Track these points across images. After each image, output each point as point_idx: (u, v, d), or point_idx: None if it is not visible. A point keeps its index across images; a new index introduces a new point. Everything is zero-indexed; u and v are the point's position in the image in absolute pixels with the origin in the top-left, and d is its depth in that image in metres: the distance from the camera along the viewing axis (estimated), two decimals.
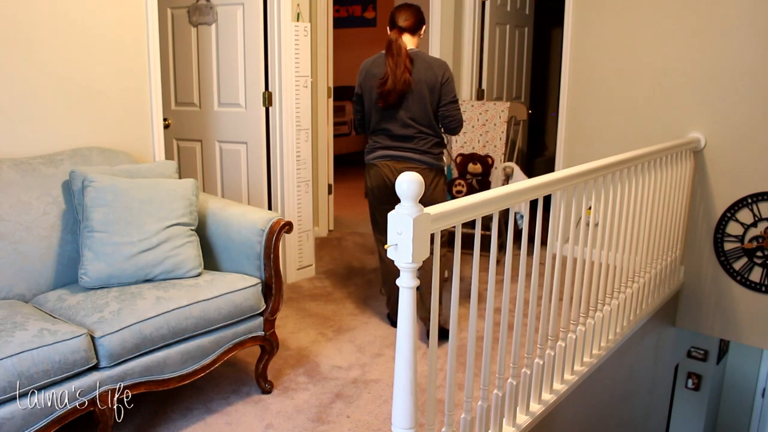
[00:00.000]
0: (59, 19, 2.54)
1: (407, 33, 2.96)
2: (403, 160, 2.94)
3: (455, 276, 1.80)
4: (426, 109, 2.91)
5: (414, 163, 2.93)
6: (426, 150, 2.95)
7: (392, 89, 2.85)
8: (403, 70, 2.84)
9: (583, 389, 2.68)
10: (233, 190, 3.86)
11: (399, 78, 2.84)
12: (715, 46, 3.64)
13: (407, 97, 2.89)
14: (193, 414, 2.38)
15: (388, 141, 2.97)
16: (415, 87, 2.88)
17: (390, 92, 2.86)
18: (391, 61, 2.87)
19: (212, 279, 2.37)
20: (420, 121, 2.92)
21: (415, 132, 2.93)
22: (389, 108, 2.91)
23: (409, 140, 2.94)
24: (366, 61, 3.05)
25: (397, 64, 2.85)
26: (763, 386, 6.15)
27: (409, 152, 2.94)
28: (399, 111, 2.91)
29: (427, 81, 2.89)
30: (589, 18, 4.12)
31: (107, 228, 2.28)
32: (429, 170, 2.95)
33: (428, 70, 2.90)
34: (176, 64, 3.88)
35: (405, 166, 2.91)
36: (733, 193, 3.68)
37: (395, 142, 2.96)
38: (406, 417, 1.65)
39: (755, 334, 3.73)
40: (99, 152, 2.60)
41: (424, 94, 2.89)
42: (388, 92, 2.87)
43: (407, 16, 2.95)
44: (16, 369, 1.77)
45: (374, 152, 3.01)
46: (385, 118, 2.95)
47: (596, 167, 2.41)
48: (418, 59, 2.91)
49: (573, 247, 2.50)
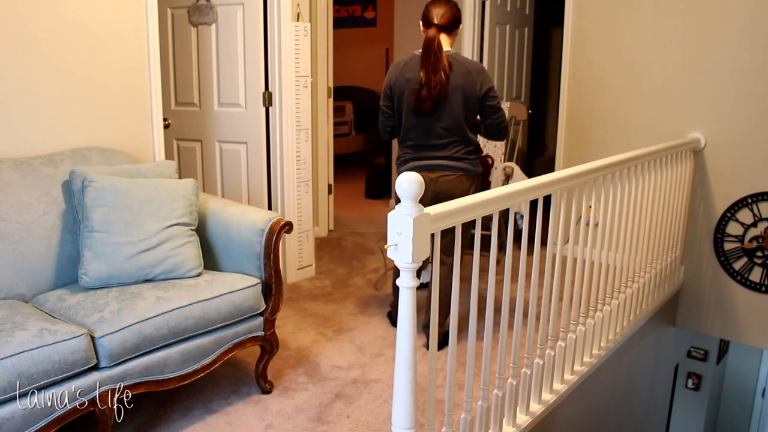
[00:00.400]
0: (59, 18, 2.54)
1: (444, 32, 2.76)
2: (438, 169, 2.78)
3: (455, 276, 1.80)
4: (459, 117, 2.74)
5: (450, 171, 2.78)
6: (461, 156, 2.80)
7: (427, 96, 2.67)
8: (441, 75, 2.64)
9: (583, 389, 2.68)
10: (233, 190, 3.87)
11: (435, 85, 2.65)
12: (715, 46, 3.64)
13: (442, 105, 2.71)
14: (193, 414, 2.38)
15: (420, 151, 2.81)
16: (451, 95, 2.70)
17: (425, 100, 2.68)
18: (428, 65, 2.67)
19: (212, 279, 2.37)
20: (453, 130, 2.76)
21: (448, 141, 2.78)
22: (423, 116, 2.75)
23: (442, 149, 2.78)
24: (398, 62, 2.87)
25: (435, 69, 2.65)
26: (763, 386, 6.15)
27: (443, 160, 2.78)
28: (432, 119, 2.75)
29: (464, 88, 2.71)
30: (589, 18, 4.12)
31: (107, 228, 2.28)
32: (466, 177, 2.81)
33: (467, 76, 2.72)
34: (176, 64, 3.88)
35: (441, 175, 2.77)
36: (733, 193, 3.68)
37: (428, 152, 2.79)
38: (406, 417, 1.65)
39: (755, 334, 3.73)
40: (99, 152, 2.60)
41: (459, 101, 2.72)
42: (423, 99, 2.69)
43: (444, 11, 2.74)
44: (16, 369, 1.77)
45: (407, 163, 2.85)
46: (417, 126, 2.79)
47: (596, 167, 2.41)
48: (456, 63, 2.72)
49: (573, 247, 2.50)
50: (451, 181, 2.79)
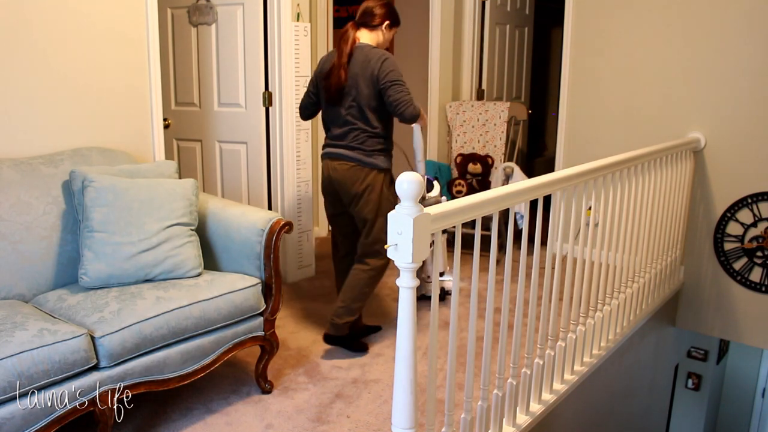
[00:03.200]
0: (59, 18, 2.54)
1: (363, 27, 2.84)
2: (336, 158, 2.82)
3: (455, 276, 1.80)
4: (361, 104, 2.75)
5: (345, 160, 2.80)
6: (356, 146, 2.79)
7: (331, 85, 2.76)
8: (341, 65, 2.74)
9: (583, 389, 2.68)
10: (233, 190, 3.86)
11: (336, 74, 2.75)
12: (715, 46, 3.64)
13: (345, 93, 2.77)
14: (193, 414, 2.38)
15: (329, 139, 2.89)
16: (350, 82, 2.75)
17: (329, 87, 2.77)
18: (336, 56, 2.78)
19: (212, 279, 2.37)
20: (356, 117, 2.78)
21: (348, 129, 2.80)
22: (331, 104, 2.82)
23: (343, 137, 2.82)
24: (322, 58, 2.95)
25: (338, 59, 2.76)
26: (763, 386, 6.15)
27: (341, 149, 2.82)
28: (338, 107, 2.81)
29: (363, 75, 2.73)
30: (589, 18, 4.12)
31: (107, 228, 2.28)
32: (360, 167, 2.78)
33: (365, 63, 2.74)
34: (176, 64, 3.88)
35: (339, 163, 2.81)
36: (733, 193, 3.68)
37: (334, 140, 2.86)
38: (406, 417, 1.65)
39: (755, 334, 3.73)
40: (99, 152, 2.60)
41: (360, 89, 2.74)
42: (328, 87, 2.78)
43: (363, 8, 2.84)
44: (16, 369, 1.77)
45: (323, 149, 2.94)
46: (327, 113, 2.87)
47: (596, 167, 2.41)
48: (359, 53, 2.77)
49: (573, 247, 2.50)
50: (346, 170, 2.80)
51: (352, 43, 2.78)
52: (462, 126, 4.51)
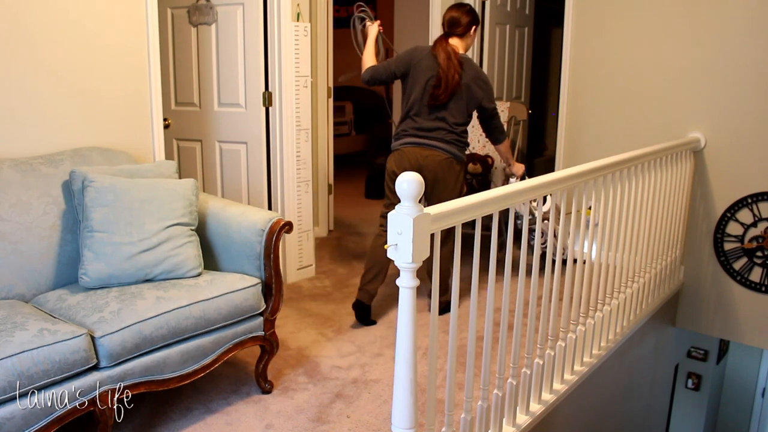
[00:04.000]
0: (59, 18, 2.54)
1: (454, 36, 3.18)
2: (429, 147, 3.13)
3: (455, 276, 1.80)
4: (463, 110, 3.14)
5: (438, 151, 3.13)
6: (453, 141, 3.15)
7: (444, 91, 3.06)
8: (454, 73, 3.05)
9: (583, 389, 2.68)
10: (233, 190, 3.86)
11: (451, 81, 3.05)
12: (715, 46, 3.64)
13: (453, 98, 3.10)
14: (193, 414, 2.38)
15: (416, 131, 3.16)
16: (462, 90, 3.09)
17: (441, 94, 3.07)
18: (443, 64, 3.06)
19: (212, 279, 2.37)
20: (456, 118, 3.13)
21: (448, 126, 3.13)
22: (434, 105, 3.11)
23: (436, 131, 3.13)
24: (417, 50, 3.20)
25: (449, 68, 3.05)
26: (763, 386, 6.15)
27: (435, 141, 3.13)
28: (439, 108, 3.12)
29: (471, 88, 3.11)
30: (589, 18, 4.12)
31: (107, 228, 2.28)
32: (451, 159, 3.14)
33: (476, 80, 3.13)
34: (176, 64, 3.87)
35: (430, 153, 3.12)
36: (733, 193, 3.68)
37: (425, 132, 3.14)
38: (406, 417, 1.65)
39: (755, 334, 3.73)
40: (99, 152, 2.60)
41: (465, 97, 3.12)
42: (439, 94, 3.07)
43: (455, 20, 3.17)
44: (16, 369, 1.77)
45: (401, 139, 3.20)
46: (424, 111, 3.14)
47: (596, 167, 2.41)
48: (468, 66, 3.12)
49: (573, 247, 2.50)
50: (442, 161, 3.13)
51: (455, 54, 3.10)
52: None
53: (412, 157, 3.13)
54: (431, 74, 3.10)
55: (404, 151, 3.16)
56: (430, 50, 3.15)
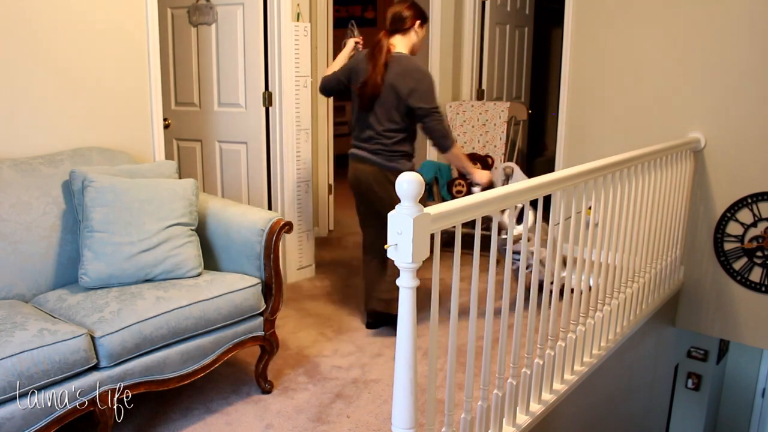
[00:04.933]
0: (59, 18, 2.54)
1: (396, 33, 2.97)
2: (359, 160, 3.03)
3: (455, 276, 1.80)
4: (390, 114, 2.90)
5: (367, 164, 2.99)
6: (379, 150, 2.96)
7: (367, 93, 2.89)
8: (377, 74, 2.85)
9: (583, 389, 2.67)
10: (233, 190, 3.86)
11: (371, 82, 2.86)
12: (715, 46, 3.64)
13: (377, 101, 2.90)
14: (193, 414, 2.38)
15: (356, 140, 3.06)
16: (384, 92, 2.87)
17: (364, 95, 2.91)
18: (371, 64, 2.89)
19: (212, 279, 2.37)
20: (382, 125, 2.93)
21: (374, 133, 2.95)
22: (363, 109, 2.96)
23: (368, 141, 2.99)
24: (359, 54, 3.08)
25: (375, 68, 2.86)
26: (763, 386, 6.15)
27: (365, 152, 3.00)
28: (369, 114, 2.95)
29: (396, 87, 2.85)
30: (589, 18, 4.12)
31: (107, 228, 2.28)
32: (379, 170, 2.96)
33: (404, 78, 2.85)
34: (176, 64, 3.87)
35: (362, 166, 3.01)
36: (733, 193, 3.68)
37: (360, 142, 3.03)
38: (406, 417, 1.65)
39: (755, 334, 3.73)
40: (99, 152, 2.60)
41: (391, 99, 2.87)
42: (363, 95, 2.92)
43: (391, 14, 2.97)
44: (16, 369, 1.77)
45: (350, 149, 3.12)
46: (359, 118, 3.01)
47: (596, 167, 2.41)
48: (396, 64, 2.87)
49: (573, 247, 2.50)
50: (371, 173, 2.98)
51: (387, 52, 2.88)
52: (462, 126, 4.51)
53: (352, 170, 3.06)
54: (363, 78, 2.93)
55: (349, 164, 3.09)
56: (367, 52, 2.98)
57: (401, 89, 2.83)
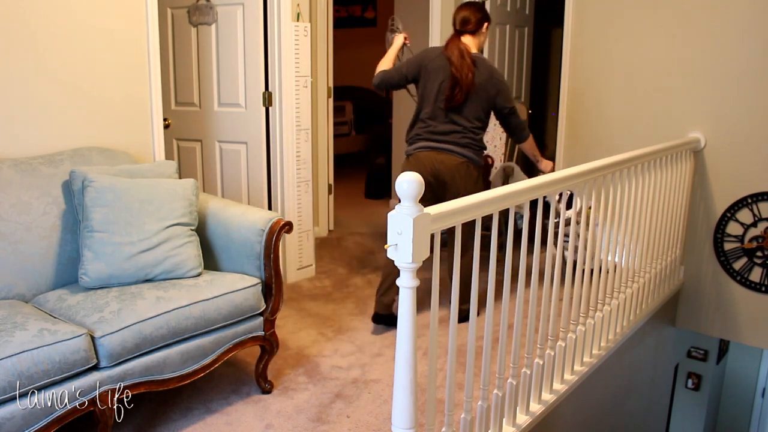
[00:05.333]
0: (59, 18, 2.54)
1: (466, 35, 3.11)
2: (442, 152, 3.06)
3: (455, 276, 1.80)
4: (478, 112, 3.07)
5: (455, 155, 3.05)
6: (469, 144, 3.08)
7: (459, 92, 2.99)
8: (468, 72, 2.98)
9: (583, 389, 2.68)
10: (233, 190, 3.86)
11: (465, 81, 2.98)
12: (715, 47, 3.64)
13: (467, 100, 3.03)
14: (193, 414, 2.38)
15: (429, 134, 3.09)
16: (475, 92, 3.02)
17: (454, 94, 3.00)
18: (459, 65, 2.99)
19: (212, 279, 2.37)
20: (471, 122, 3.07)
21: (462, 128, 3.06)
22: (448, 106, 3.03)
23: (450, 135, 3.06)
24: (428, 51, 3.16)
25: (466, 69, 2.99)
26: (763, 386, 6.15)
27: (451, 145, 3.06)
28: (453, 110, 3.04)
29: (485, 88, 3.04)
30: (589, 18, 4.12)
31: (107, 228, 2.28)
32: (467, 164, 3.07)
33: (490, 79, 3.05)
34: (176, 64, 3.87)
35: (446, 158, 3.04)
36: (733, 193, 3.68)
37: (438, 136, 3.07)
38: (406, 417, 1.65)
39: (755, 334, 3.73)
40: (99, 152, 2.60)
41: (481, 98, 3.05)
42: (452, 93, 3.00)
43: (464, 18, 3.10)
44: (16, 369, 1.77)
45: (415, 143, 3.13)
46: (434, 113, 3.07)
47: (596, 167, 2.41)
48: (481, 65, 3.05)
49: (573, 247, 2.50)
50: (456, 166, 3.05)
51: (468, 52, 3.04)
52: None
53: (428, 162, 3.05)
54: (444, 75, 3.03)
55: (419, 156, 3.08)
56: (441, 50, 3.09)
57: (489, 90, 3.06)
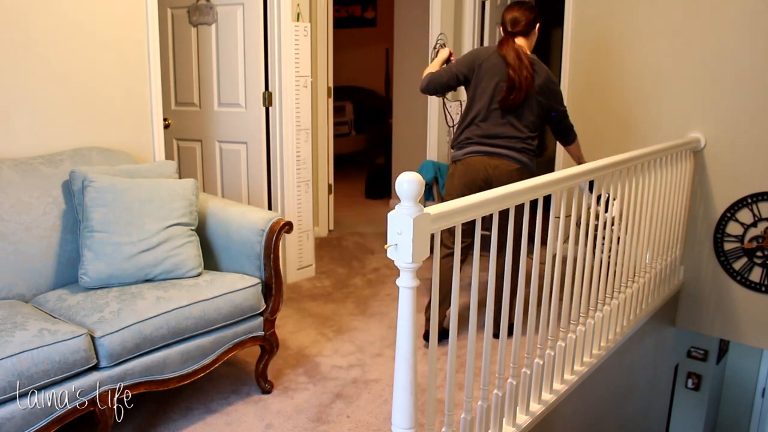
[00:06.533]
0: (59, 18, 2.54)
1: (520, 36, 2.96)
2: (498, 156, 2.89)
3: (455, 276, 1.80)
4: (533, 116, 2.91)
5: (510, 160, 2.88)
6: (525, 149, 2.91)
7: (517, 94, 2.83)
8: (527, 74, 2.84)
9: (583, 389, 2.68)
10: (233, 190, 3.86)
11: (524, 83, 2.83)
12: (715, 46, 3.64)
13: (524, 103, 2.88)
14: (193, 414, 2.38)
15: (482, 138, 2.92)
16: (533, 95, 2.88)
17: (515, 97, 2.84)
18: (518, 67, 2.84)
19: (212, 279, 2.37)
20: (528, 126, 2.91)
21: (518, 133, 2.90)
22: (503, 109, 2.88)
23: (505, 139, 2.90)
24: (480, 50, 3.01)
25: (521, 69, 2.84)
26: (763, 386, 6.15)
27: (507, 150, 2.89)
28: (508, 114, 2.89)
29: (543, 91, 2.91)
30: (589, 18, 4.12)
31: (107, 228, 2.28)
32: (522, 171, 2.88)
33: (546, 83, 2.92)
34: (176, 64, 3.88)
35: (500, 163, 2.87)
36: (733, 193, 3.68)
37: (492, 140, 2.91)
38: (406, 417, 1.65)
39: (755, 334, 3.73)
40: (99, 152, 2.60)
41: (539, 102, 2.91)
42: (512, 97, 2.84)
43: (516, 19, 2.94)
44: (16, 369, 1.77)
45: (465, 148, 2.96)
46: (488, 116, 2.90)
47: (596, 167, 2.41)
48: (537, 68, 2.92)
49: (573, 246, 2.50)
50: (510, 172, 2.86)
51: (525, 54, 2.89)
52: None
53: (480, 168, 2.88)
54: (500, 76, 2.87)
55: (469, 162, 2.90)
56: (495, 50, 2.93)
57: (546, 93, 2.93)
